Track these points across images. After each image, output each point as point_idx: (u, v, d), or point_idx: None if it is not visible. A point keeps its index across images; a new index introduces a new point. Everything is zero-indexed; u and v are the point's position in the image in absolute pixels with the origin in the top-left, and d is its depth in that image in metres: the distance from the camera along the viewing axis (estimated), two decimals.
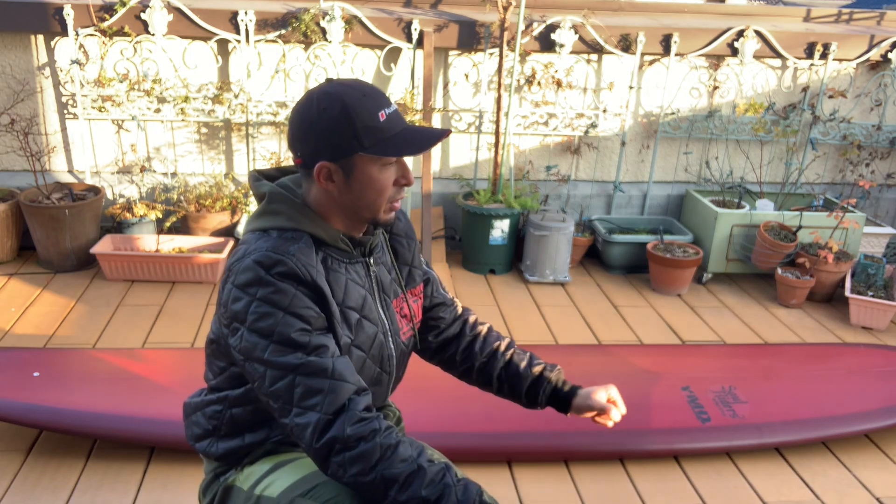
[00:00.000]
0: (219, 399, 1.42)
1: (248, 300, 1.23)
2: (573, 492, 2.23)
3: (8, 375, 2.40)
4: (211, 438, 1.44)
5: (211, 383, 1.44)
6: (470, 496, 1.22)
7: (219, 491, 1.45)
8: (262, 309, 1.22)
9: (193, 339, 3.01)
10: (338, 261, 1.35)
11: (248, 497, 1.38)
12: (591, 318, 3.42)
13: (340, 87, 1.25)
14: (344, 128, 1.24)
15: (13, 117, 3.61)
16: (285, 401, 1.23)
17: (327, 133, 1.25)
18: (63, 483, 2.14)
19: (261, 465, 1.41)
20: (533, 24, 3.77)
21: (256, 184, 1.38)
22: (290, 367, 1.22)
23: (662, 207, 4.27)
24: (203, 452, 1.47)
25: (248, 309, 1.22)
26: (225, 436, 1.43)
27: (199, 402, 1.46)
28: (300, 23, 3.56)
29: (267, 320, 1.22)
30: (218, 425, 1.42)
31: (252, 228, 1.33)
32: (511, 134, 3.94)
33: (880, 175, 4.37)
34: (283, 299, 1.22)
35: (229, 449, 1.42)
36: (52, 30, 3.55)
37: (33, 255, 3.71)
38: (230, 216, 3.77)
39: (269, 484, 1.36)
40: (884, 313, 3.42)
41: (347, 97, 1.24)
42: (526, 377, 1.56)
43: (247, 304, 1.23)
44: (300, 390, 1.22)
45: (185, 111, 3.71)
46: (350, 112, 1.23)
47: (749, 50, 3.91)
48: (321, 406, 1.21)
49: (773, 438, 2.43)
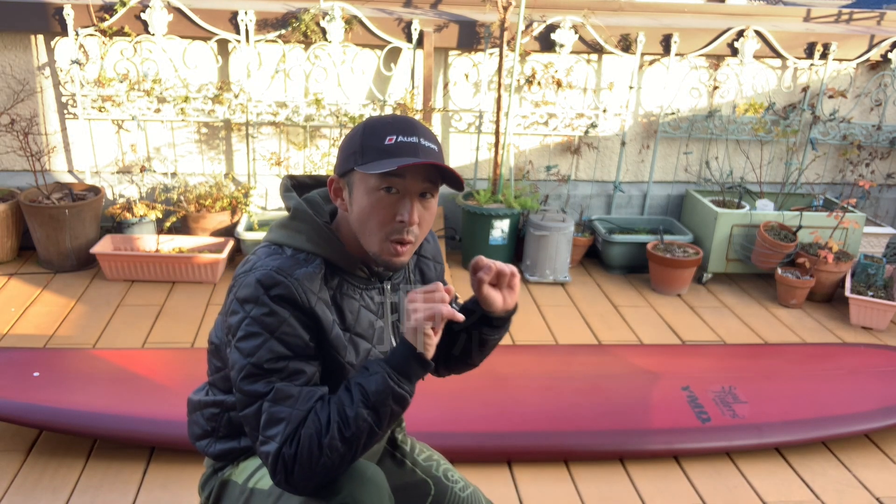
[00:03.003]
0: (216, 402, 1.43)
1: (243, 316, 1.22)
2: (573, 492, 2.23)
3: (8, 375, 2.41)
4: (209, 439, 1.46)
5: (211, 380, 1.46)
6: (380, 382, 1.19)
7: (216, 485, 1.47)
8: (252, 329, 1.21)
9: (193, 339, 3.01)
10: (353, 286, 1.32)
11: (243, 490, 1.40)
12: (591, 318, 3.42)
13: (380, 115, 1.28)
14: (353, 143, 1.24)
15: (13, 117, 3.61)
16: (252, 426, 1.22)
17: (342, 148, 1.26)
18: (63, 483, 2.14)
19: (255, 459, 1.43)
20: (533, 24, 3.77)
21: (286, 194, 1.37)
22: (259, 394, 1.20)
23: (662, 207, 4.27)
24: (202, 451, 1.49)
25: (240, 325, 1.22)
26: (223, 437, 1.44)
27: (199, 403, 1.47)
28: (300, 23, 3.56)
29: (252, 340, 1.21)
30: (216, 427, 1.44)
31: (270, 240, 1.32)
32: (511, 134, 3.94)
33: (880, 175, 4.37)
34: (274, 322, 1.21)
35: (226, 450, 1.44)
36: (52, 30, 3.55)
37: (33, 255, 3.71)
38: (230, 216, 3.77)
39: (262, 476, 1.38)
40: (884, 313, 3.42)
41: (374, 120, 1.25)
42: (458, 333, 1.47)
43: (240, 320, 1.22)
44: (265, 417, 1.20)
45: (185, 111, 3.71)
46: (365, 131, 1.23)
47: (749, 50, 3.91)
48: (279, 436, 1.18)
49: (773, 438, 2.43)
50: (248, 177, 3.91)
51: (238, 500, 1.41)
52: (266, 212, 3.92)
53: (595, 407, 2.50)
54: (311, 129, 3.88)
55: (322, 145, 3.91)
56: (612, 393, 2.59)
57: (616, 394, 2.58)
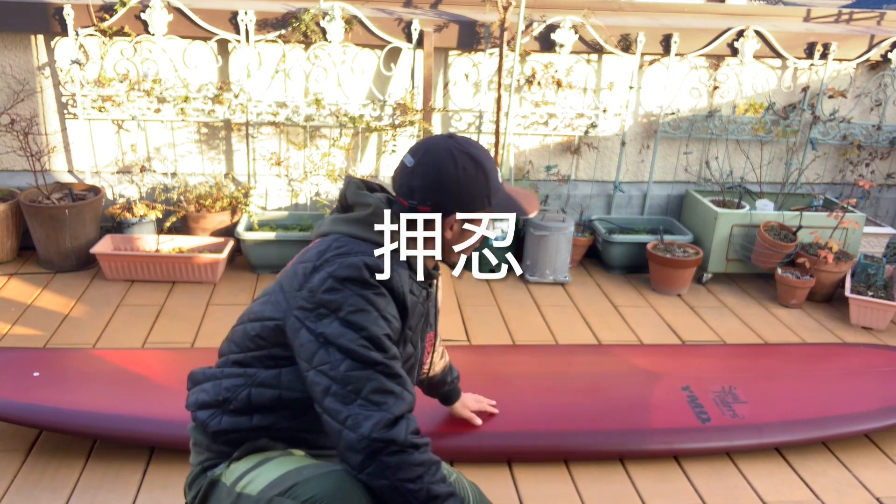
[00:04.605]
0: (245, 374, 1.43)
1: (348, 293, 1.32)
2: (573, 492, 2.23)
3: (8, 375, 2.40)
4: (216, 410, 1.44)
5: (234, 357, 1.45)
6: None
7: (204, 485, 1.45)
8: (361, 304, 1.33)
9: (193, 339, 3.01)
10: (418, 287, 1.49)
11: (230, 493, 1.39)
12: (591, 318, 3.42)
13: (474, 149, 1.47)
14: (480, 185, 1.45)
15: (13, 117, 3.60)
16: (354, 389, 1.28)
17: (465, 190, 1.43)
18: (63, 483, 2.14)
19: (246, 461, 1.42)
20: (533, 24, 3.77)
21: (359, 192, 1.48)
22: (372, 362, 1.31)
23: (662, 207, 4.27)
24: (200, 424, 1.46)
25: (346, 301, 1.32)
26: (233, 411, 1.43)
27: (217, 373, 1.47)
28: (300, 23, 3.56)
29: (362, 316, 1.32)
30: (230, 398, 1.43)
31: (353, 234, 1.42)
32: (511, 134, 3.94)
33: (880, 175, 4.37)
34: (381, 302, 1.35)
35: (231, 426, 1.43)
36: (52, 30, 3.55)
37: (33, 255, 3.71)
38: (230, 216, 3.77)
39: (250, 481, 1.37)
40: (884, 313, 3.42)
41: (483, 157, 1.47)
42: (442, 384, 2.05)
43: (344, 297, 1.32)
44: (374, 385, 1.30)
45: (185, 111, 3.71)
46: (485, 172, 1.46)
47: (749, 50, 3.91)
48: (388, 406, 1.29)
49: (773, 438, 2.43)
50: (248, 177, 3.91)
51: (225, 502, 1.40)
52: (266, 212, 3.92)
53: (595, 407, 2.50)
54: (311, 129, 3.88)
55: (322, 145, 3.91)
56: (612, 393, 2.59)
57: (616, 394, 2.58)
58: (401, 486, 1.27)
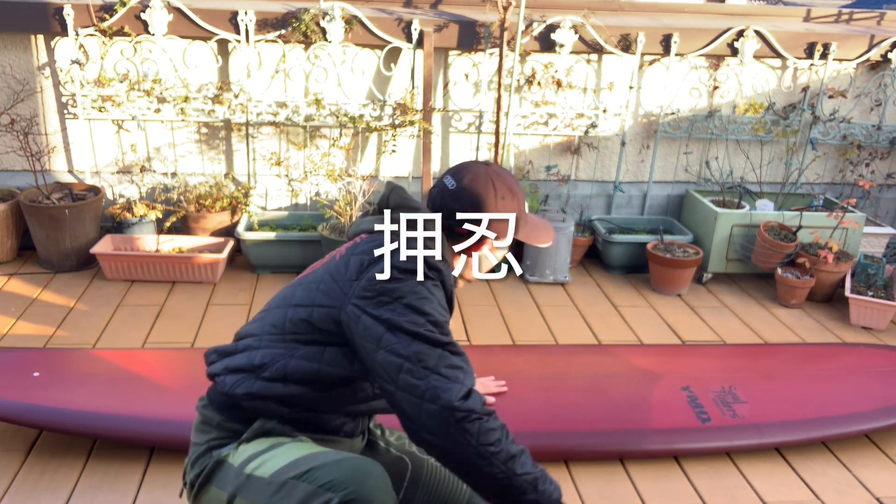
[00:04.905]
0: (283, 348, 1.46)
1: (410, 282, 1.41)
2: (573, 492, 2.23)
3: (8, 375, 2.40)
4: (248, 374, 1.46)
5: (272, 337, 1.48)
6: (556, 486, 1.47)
7: (209, 465, 1.44)
8: (423, 293, 1.41)
9: (193, 339, 3.01)
10: None
11: (238, 474, 1.39)
12: (591, 318, 3.42)
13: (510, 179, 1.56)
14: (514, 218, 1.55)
15: (13, 117, 3.61)
16: (426, 365, 1.35)
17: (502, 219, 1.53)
18: (63, 483, 2.14)
19: (256, 444, 1.42)
20: (533, 24, 3.77)
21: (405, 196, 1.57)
22: (440, 342, 1.38)
23: (662, 207, 4.27)
24: (223, 387, 1.47)
25: (410, 289, 1.40)
26: (266, 378, 1.45)
27: (252, 343, 1.50)
28: (300, 23, 3.56)
29: (426, 303, 1.40)
30: (267, 364, 1.45)
31: None
32: (511, 134, 3.94)
33: (880, 175, 4.37)
34: (438, 293, 1.44)
35: (262, 390, 1.45)
36: (52, 30, 3.55)
37: (33, 255, 3.71)
38: (230, 216, 3.77)
39: (262, 463, 1.37)
40: (884, 313, 3.42)
41: (518, 191, 1.57)
42: None
43: (408, 286, 1.40)
44: (446, 361, 1.37)
45: (185, 111, 3.70)
46: (521, 205, 1.57)
47: (749, 50, 3.91)
48: (461, 379, 1.37)
49: (773, 438, 2.43)
50: (248, 177, 3.91)
51: (232, 483, 1.39)
52: (266, 212, 3.92)
53: (595, 407, 2.50)
54: (311, 129, 3.88)
55: (322, 145, 3.91)
56: (612, 393, 2.59)
57: (616, 394, 2.58)
58: (483, 450, 1.34)
